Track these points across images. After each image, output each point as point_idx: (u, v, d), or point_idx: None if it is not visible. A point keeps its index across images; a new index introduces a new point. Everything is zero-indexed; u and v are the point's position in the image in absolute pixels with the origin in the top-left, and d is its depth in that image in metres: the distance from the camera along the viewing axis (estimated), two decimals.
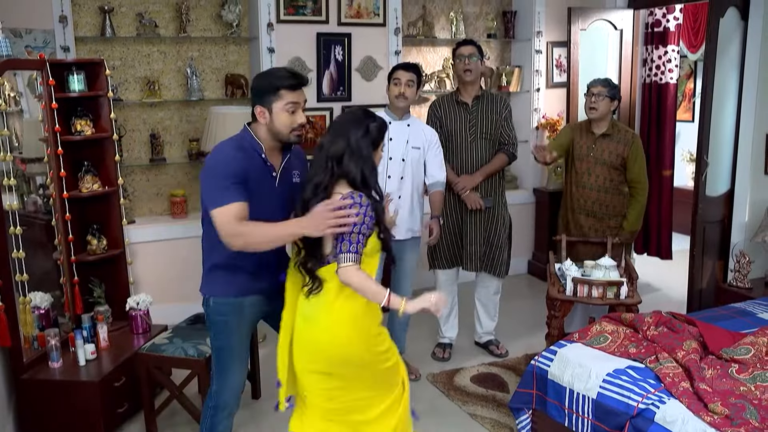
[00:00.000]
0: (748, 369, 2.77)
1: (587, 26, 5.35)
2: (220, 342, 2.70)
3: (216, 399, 2.75)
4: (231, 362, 2.72)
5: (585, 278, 3.60)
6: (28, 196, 3.80)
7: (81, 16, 4.50)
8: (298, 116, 2.55)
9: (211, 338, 2.73)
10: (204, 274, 2.70)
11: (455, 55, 4.11)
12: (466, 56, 4.01)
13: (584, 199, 4.12)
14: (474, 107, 4.08)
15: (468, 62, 4.00)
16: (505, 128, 4.16)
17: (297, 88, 2.55)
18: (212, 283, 2.68)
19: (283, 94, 2.52)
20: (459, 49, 4.07)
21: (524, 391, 3.21)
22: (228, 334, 2.68)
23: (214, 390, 2.76)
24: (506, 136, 4.16)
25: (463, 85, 4.11)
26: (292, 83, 2.53)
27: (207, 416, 2.79)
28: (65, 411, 3.28)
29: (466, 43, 4.09)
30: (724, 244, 4.60)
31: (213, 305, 2.67)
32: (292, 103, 2.53)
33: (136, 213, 4.81)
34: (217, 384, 2.74)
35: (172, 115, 4.89)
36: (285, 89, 2.52)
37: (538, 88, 5.77)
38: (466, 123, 4.08)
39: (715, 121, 4.34)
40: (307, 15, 4.89)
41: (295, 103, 2.53)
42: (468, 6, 5.74)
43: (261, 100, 2.54)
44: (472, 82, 4.06)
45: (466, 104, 4.09)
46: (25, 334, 3.37)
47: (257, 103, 2.55)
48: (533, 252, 6.01)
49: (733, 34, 4.37)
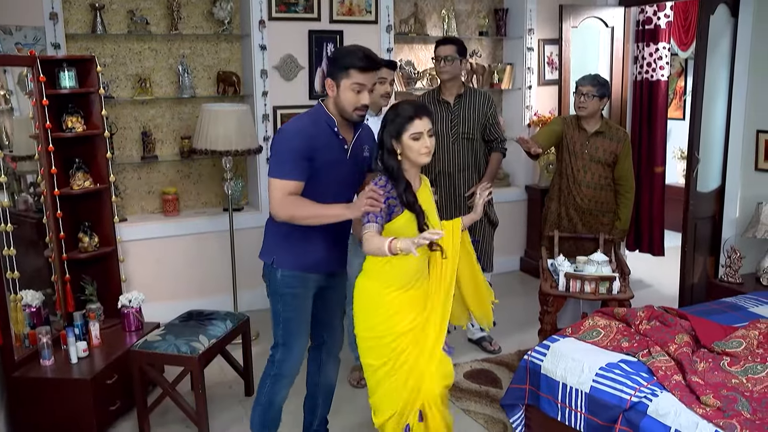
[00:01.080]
0: (739, 362, 2.78)
1: (579, 24, 5.36)
2: (288, 313, 2.79)
3: (279, 368, 2.84)
4: (298, 332, 2.83)
5: (577, 273, 3.61)
6: (19, 194, 3.78)
7: (72, 13, 4.48)
8: (363, 97, 2.63)
9: (278, 310, 2.80)
10: (271, 242, 2.80)
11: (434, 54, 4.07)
12: (442, 57, 3.97)
13: (580, 197, 4.13)
14: (456, 106, 4.05)
15: (444, 64, 3.96)
16: (494, 127, 4.14)
17: (367, 71, 2.61)
18: (282, 254, 2.76)
19: (352, 74, 2.60)
20: (437, 50, 4.02)
21: (517, 386, 3.21)
22: (296, 306, 2.79)
23: (279, 359, 2.85)
24: (495, 134, 4.15)
25: (443, 83, 4.08)
26: (363, 65, 2.60)
27: (266, 385, 2.88)
28: (57, 409, 3.27)
29: (445, 42, 4.04)
30: (715, 240, 4.62)
31: (281, 278, 2.75)
32: (358, 84, 2.61)
33: (127, 211, 4.80)
34: (282, 354, 2.84)
35: (164, 113, 4.87)
36: (355, 69, 2.60)
37: (529, 86, 5.78)
38: (447, 122, 4.04)
39: (706, 117, 4.36)
40: (299, 12, 4.89)
41: (361, 84, 2.61)
42: (460, 3, 5.75)
43: (332, 74, 2.65)
44: (451, 82, 4.02)
45: (448, 103, 4.06)
46: (16, 332, 3.35)
47: (329, 76, 2.66)
48: (525, 249, 6.03)
49: (724, 31, 4.40)
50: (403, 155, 2.54)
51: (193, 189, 5.04)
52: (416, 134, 2.51)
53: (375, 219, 2.48)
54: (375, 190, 2.45)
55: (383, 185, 2.53)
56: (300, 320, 2.83)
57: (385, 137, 2.55)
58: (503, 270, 5.79)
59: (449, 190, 4.09)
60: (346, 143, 2.73)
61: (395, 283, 2.60)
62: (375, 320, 2.61)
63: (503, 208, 5.34)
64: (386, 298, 2.60)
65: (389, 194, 2.52)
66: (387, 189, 2.52)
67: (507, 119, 5.95)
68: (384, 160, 2.56)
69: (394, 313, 2.59)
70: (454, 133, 4.04)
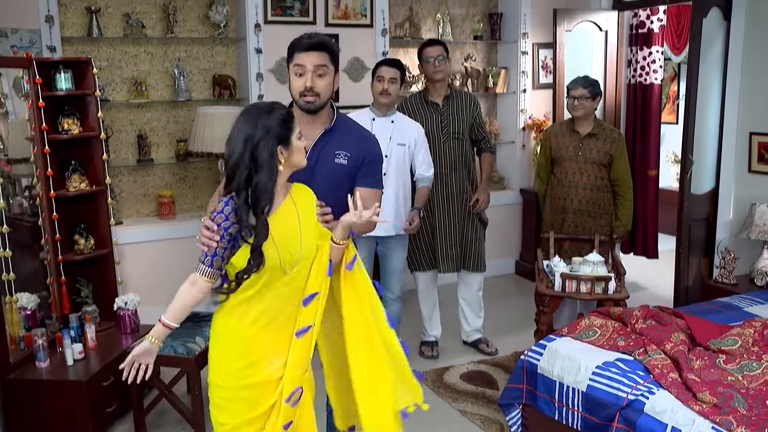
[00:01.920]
0: (735, 359, 2.80)
1: (573, 28, 5.39)
2: None
3: None
4: None
5: (573, 274, 3.62)
6: (14, 198, 3.78)
7: (68, 17, 4.48)
8: (305, 80, 2.38)
9: None
10: None
11: (421, 56, 4.10)
12: (434, 57, 4.02)
13: (578, 199, 4.15)
14: (444, 107, 4.09)
15: (437, 63, 4.01)
16: (480, 126, 4.21)
17: (308, 50, 2.38)
18: None
19: (294, 56, 2.41)
20: (426, 50, 4.07)
21: (514, 386, 3.22)
22: None
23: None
24: (482, 133, 4.22)
25: (432, 85, 4.11)
26: (303, 44, 2.39)
27: None
28: (53, 411, 3.25)
29: (432, 43, 4.10)
30: (710, 242, 4.64)
31: None
32: (299, 65, 2.39)
33: (123, 214, 4.79)
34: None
35: (160, 116, 4.87)
36: (297, 51, 2.40)
37: (524, 89, 5.81)
38: (438, 123, 4.08)
39: (700, 119, 4.39)
40: (294, 16, 4.90)
41: (301, 65, 2.39)
42: (454, 8, 5.78)
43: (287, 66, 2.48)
44: (441, 82, 4.07)
45: (437, 104, 4.10)
46: (12, 334, 3.34)
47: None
48: (520, 252, 6.04)
49: (716, 34, 4.43)
50: (286, 163, 2.09)
51: (188, 192, 5.03)
52: (300, 133, 2.13)
53: (212, 258, 2.04)
54: (208, 226, 2.02)
55: (220, 211, 2.02)
56: None
57: (261, 151, 2.01)
58: (498, 273, 5.80)
59: (442, 191, 4.11)
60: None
61: (259, 316, 2.11)
62: (234, 365, 2.13)
63: (498, 212, 5.36)
64: (246, 334, 2.12)
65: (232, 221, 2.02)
66: (227, 215, 2.02)
67: (502, 123, 5.97)
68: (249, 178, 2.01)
69: (258, 356, 2.12)
70: (445, 133, 4.07)
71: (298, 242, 2.09)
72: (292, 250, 2.08)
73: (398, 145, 3.74)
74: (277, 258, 2.04)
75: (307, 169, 2.27)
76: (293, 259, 2.08)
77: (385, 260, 3.89)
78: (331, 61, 2.43)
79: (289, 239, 2.08)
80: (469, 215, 4.18)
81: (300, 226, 2.12)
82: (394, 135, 3.74)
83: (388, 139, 3.71)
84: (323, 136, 2.48)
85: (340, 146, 2.48)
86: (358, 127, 2.62)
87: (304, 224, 2.13)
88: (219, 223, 2.02)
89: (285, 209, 2.11)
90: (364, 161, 2.50)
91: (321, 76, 2.40)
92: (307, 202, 2.19)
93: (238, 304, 2.10)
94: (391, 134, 3.73)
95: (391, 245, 3.83)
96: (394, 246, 3.83)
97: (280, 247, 2.04)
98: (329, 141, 2.48)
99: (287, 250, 2.06)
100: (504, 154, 6.01)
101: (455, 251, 4.17)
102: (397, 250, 3.86)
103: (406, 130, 3.79)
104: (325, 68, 2.40)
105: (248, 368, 2.11)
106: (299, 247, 2.09)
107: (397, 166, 3.74)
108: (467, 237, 4.18)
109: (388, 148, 3.71)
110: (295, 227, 2.11)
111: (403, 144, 3.75)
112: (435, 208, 4.12)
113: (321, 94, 2.41)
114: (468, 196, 4.16)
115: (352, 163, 2.48)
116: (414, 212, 3.80)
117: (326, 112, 2.50)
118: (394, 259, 3.86)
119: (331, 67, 2.43)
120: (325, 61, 2.40)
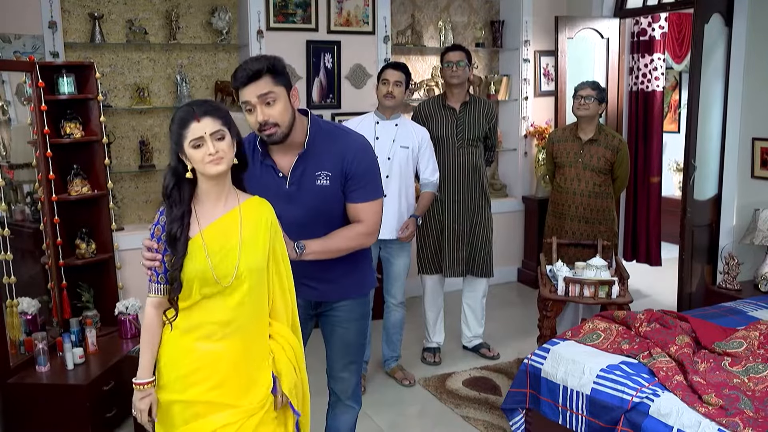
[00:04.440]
0: (740, 362, 2.78)
1: (574, 35, 5.40)
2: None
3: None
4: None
5: (576, 277, 3.60)
6: (15, 204, 3.77)
7: (70, 23, 4.50)
8: (256, 115, 2.21)
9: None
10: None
11: (443, 60, 4.13)
12: (454, 62, 4.04)
13: (575, 206, 4.14)
14: (462, 112, 4.10)
15: (456, 68, 4.03)
16: (492, 136, 4.25)
17: (246, 83, 2.19)
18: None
19: (238, 93, 2.23)
20: (447, 55, 4.09)
21: (517, 390, 3.19)
22: None
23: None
24: (489, 143, 4.26)
25: (450, 89, 4.13)
26: (239, 79, 2.20)
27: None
28: (53, 415, 3.23)
29: (455, 48, 4.12)
30: (713, 248, 4.62)
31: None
32: (244, 102, 2.22)
33: (125, 220, 4.78)
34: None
35: (162, 123, 4.87)
36: (237, 87, 2.22)
37: (526, 97, 5.81)
38: (453, 128, 4.09)
39: (702, 125, 4.38)
40: (296, 23, 4.91)
41: (247, 102, 2.22)
42: (456, 15, 5.79)
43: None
44: (459, 87, 4.08)
45: (454, 109, 4.11)
46: (12, 338, 3.32)
47: None
48: (522, 260, 6.02)
49: (718, 40, 4.44)
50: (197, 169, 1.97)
51: None
52: (195, 141, 1.92)
53: (156, 276, 1.98)
54: (149, 246, 1.97)
55: (156, 223, 1.99)
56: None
57: (172, 155, 1.99)
58: (501, 281, 5.78)
59: (453, 195, 4.11)
60: (279, 171, 2.35)
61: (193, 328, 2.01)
62: (168, 376, 2.04)
63: (500, 219, 5.33)
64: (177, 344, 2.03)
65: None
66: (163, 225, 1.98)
67: (504, 130, 5.97)
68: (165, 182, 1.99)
69: (194, 369, 2.00)
70: (460, 138, 4.08)
71: (236, 255, 1.99)
72: (228, 263, 1.98)
73: (402, 148, 3.73)
74: (208, 270, 1.96)
75: (290, 195, 2.29)
76: (228, 272, 1.98)
77: (387, 265, 3.87)
78: (276, 82, 2.22)
79: (225, 251, 1.99)
80: (479, 220, 4.17)
81: (241, 239, 2.01)
82: (397, 138, 3.73)
83: (391, 141, 3.71)
84: (298, 162, 2.35)
85: (318, 167, 2.35)
86: (336, 137, 2.41)
87: (247, 238, 2.02)
88: (158, 236, 1.98)
89: (226, 220, 2.02)
90: (347, 176, 2.36)
91: (270, 104, 2.22)
92: (258, 217, 2.06)
93: (180, 313, 2.02)
94: (395, 137, 3.73)
95: (393, 249, 3.81)
96: (397, 250, 3.82)
97: (212, 259, 1.96)
98: (307, 165, 2.35)
99: (223, 262, 1.98)
100: (506, 161, 6.01)
101: (464, 256, 4.16)
102: (400, 255, 3.84)
103: (411, 133, 3.79)
104: (272, 94, 2.21)
105: (176, 382, 2.02)
106: (236, 260, 1.99)
107: (400, 169, 3.73)
108: (476, 242, 4.17)
109: (391, 150, 3.71)
110: (234, 240, 2.00)
111: (406, 147, 3.75)
112: (445, 212, 4.12)
113: (279, 123, 2.24)
114: (479, 202, 4.16)
115: (334, 181, 2.36)
116: (411, 219, 3.77)
117: (299, 133, 2.33)
118: (397, 264, 3.85)
119: (278, 88, 2.22)
120: (268, 87, 2.20)
